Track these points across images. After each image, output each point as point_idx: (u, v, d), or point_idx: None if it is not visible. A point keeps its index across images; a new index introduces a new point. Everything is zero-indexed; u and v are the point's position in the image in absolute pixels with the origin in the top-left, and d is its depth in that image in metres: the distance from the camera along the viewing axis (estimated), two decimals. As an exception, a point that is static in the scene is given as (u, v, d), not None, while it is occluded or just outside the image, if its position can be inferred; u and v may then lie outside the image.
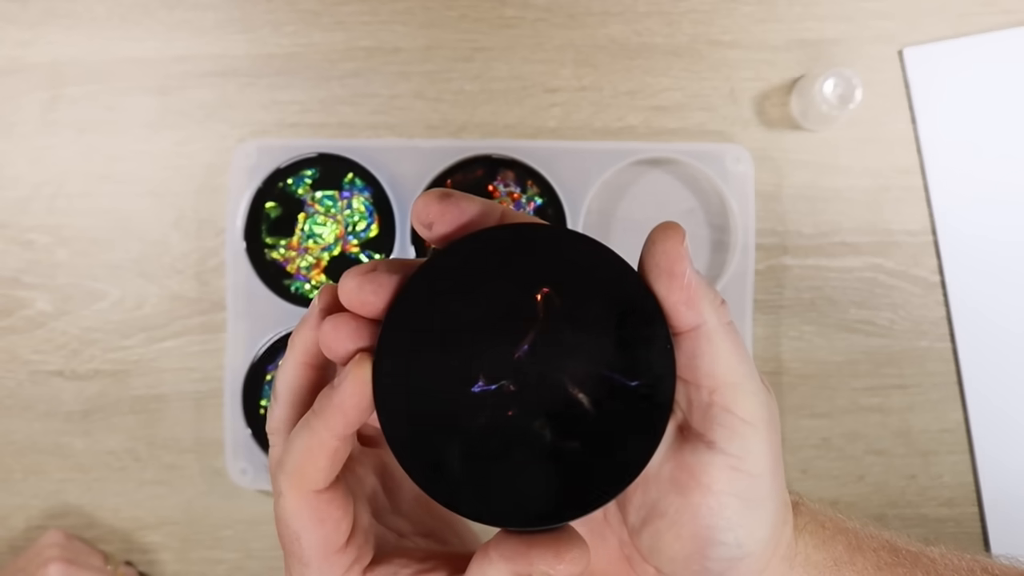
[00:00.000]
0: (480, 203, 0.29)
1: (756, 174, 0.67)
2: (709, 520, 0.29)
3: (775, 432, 0.30)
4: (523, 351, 0.28)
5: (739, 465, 0.29)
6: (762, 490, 0.30)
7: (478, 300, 0.28)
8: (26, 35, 0.70)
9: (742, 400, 0.29)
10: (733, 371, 0.29)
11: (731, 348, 0.29)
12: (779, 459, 0.30)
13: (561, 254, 0.28)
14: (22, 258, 0.69)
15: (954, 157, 0.69)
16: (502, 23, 0.70)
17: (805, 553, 0.33)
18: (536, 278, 0.28)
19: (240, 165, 0.67)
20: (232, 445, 0.66)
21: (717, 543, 0.30)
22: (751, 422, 0.29)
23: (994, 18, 0.70)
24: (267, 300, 0.66)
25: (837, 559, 0.33)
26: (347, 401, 0.28)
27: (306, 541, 0.30)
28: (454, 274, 0.28)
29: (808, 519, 0.33)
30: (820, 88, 0.65)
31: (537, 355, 0.28)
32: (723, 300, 0.29)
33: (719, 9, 0.70)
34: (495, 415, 0.28)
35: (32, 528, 0.69)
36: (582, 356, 0.28)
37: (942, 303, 0.69)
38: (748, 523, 0.30)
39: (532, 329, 0.28)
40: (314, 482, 0.29)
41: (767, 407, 0.29)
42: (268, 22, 0.70)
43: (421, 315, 0.28)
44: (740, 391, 0.29)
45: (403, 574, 0.31)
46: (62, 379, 0.69)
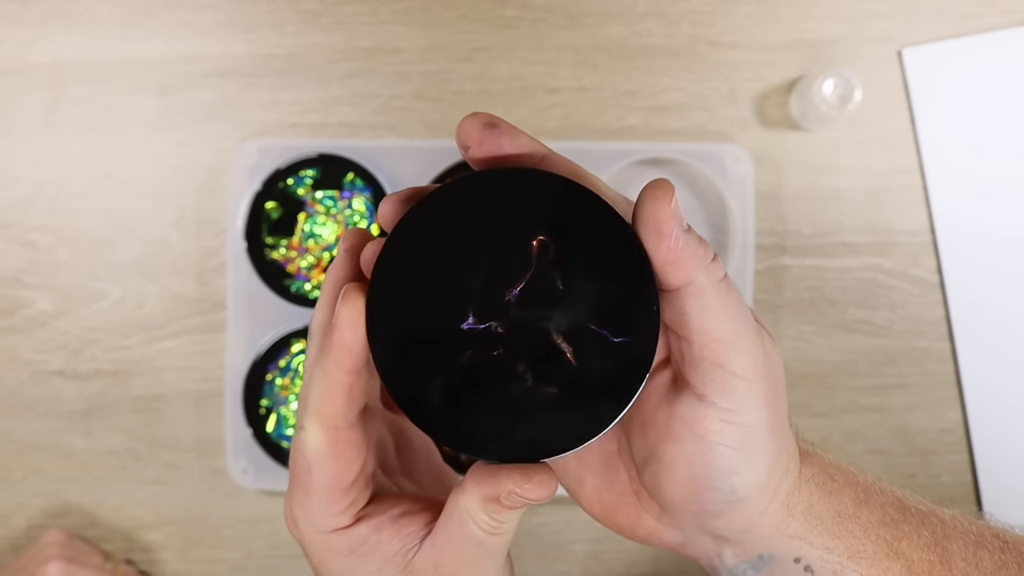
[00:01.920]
0: (524, 142, 0.30)
1: (756, 174, 0.67)
2: (702, 468, 0.30)
3: (773, 382, 0.31)
4: (514, 296, 0.29)
5: (730, 417, 0.30)
6: (756, 439, 0.30)
7: (475, 241, 0.29)
8: (27, 35, 0.70)
9: (732, 356, 0.29)
10: (723, 328, 0.29)
11: (721, 305, 0.29)
12: (778, 408, 0.31)
13: (564, 206, 0.29)
14: (23, 258, 0.69)
15: (953, 157, 0.69)
16: (502, 23, 0.70)
17: (808, 502, 0.33)
18: (535, 226, 0.29)
19: (241, 165, 0.67)
20: (233, 444, 0.66)
21: (711, 488, 0.31)
22: (743, 376, 0.29)
23: (993, 18, 0.70)
24: (267, 300, 0.66)
25: (842, 511, 0.33)
26: (348, 336, 0.29)
27: (317, 474, 0.31)
28: (453, 213, 0.29)
29: (817, 469, 0.33)
30: (819, 88, 0.65)
31: (527, 301, 0.29)
32: (715, 256, 0.30)
33: (719, 10, 0.70)
34: (481, 353, 0.29)
35: (33, 527, 0.69)
36: (570, 307, 0.29)
37: (941, 303, 0.69)
38: (742, 470, 0.30)
39: (525, 275, 0.29)
40: (332, 418, 0.30)
41: (762, 360, 0.30)
42: (269, 22, 0.70)
43: (416, 250, 0.29)
44: (731, 347, 0.29)
45: (391, 513, 0.33)
46: (63, 379, 0.69)
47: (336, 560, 0.33)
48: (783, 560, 0.33)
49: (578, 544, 0.69)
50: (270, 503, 0.69)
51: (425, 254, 0.29)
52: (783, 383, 0.32)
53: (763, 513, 0.32)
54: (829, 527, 0.33)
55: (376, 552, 0.32)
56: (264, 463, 0.66)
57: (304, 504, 0.32)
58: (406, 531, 0.33)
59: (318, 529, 0.32)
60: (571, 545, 0.69)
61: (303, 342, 0.67)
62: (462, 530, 0.31)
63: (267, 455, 0.66)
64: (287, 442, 0.67)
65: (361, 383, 0.30)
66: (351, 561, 0.33)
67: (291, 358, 0.67)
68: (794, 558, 0.33)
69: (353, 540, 0.32)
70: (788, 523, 0.32)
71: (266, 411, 0.67)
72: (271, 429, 0.67)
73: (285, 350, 0.67)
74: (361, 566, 0.33)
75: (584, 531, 0.69)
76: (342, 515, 0.32)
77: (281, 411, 0.67)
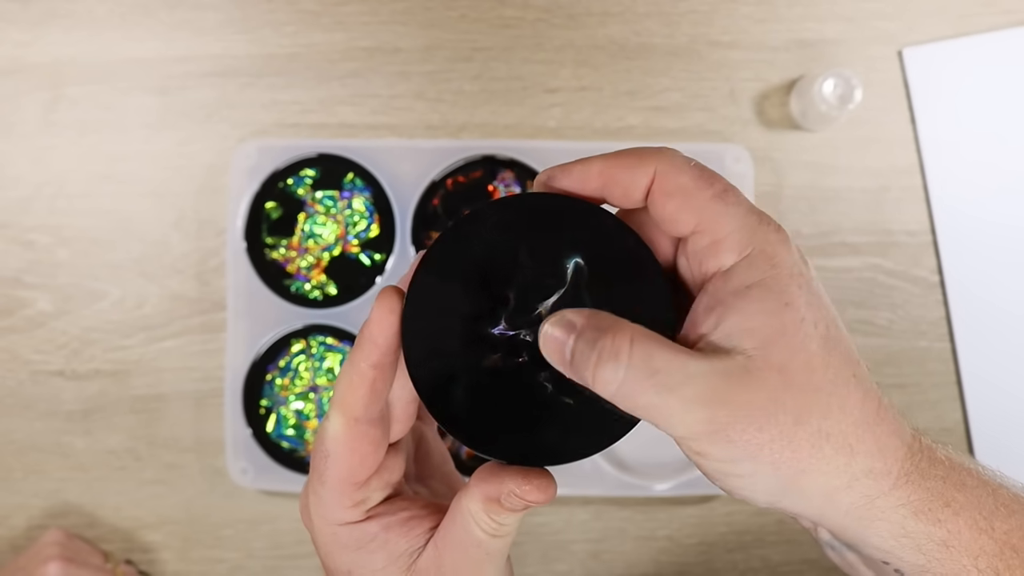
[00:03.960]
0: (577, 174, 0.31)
1: (756, 174, 0.67)
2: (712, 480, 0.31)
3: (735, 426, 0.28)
4: (545, 308, 0.30)
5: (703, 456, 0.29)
6: (743, 469, 0.29)
7: (513, 255, 0.31)
8: (27, 35, 0.70)
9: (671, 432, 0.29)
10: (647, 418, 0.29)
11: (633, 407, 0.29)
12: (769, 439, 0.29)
13: (594, 228, 0.31)
14: (23, 258, 0.69)
15: (953, 157, 0.69)
16: (502, 23, 0.70)
17: (902, 526, 0.30)
18: (567, 247, 0.31)
19: (240, 165, 0.67)
20: (232, 445, 0.66)
21: (737, 496, 0.31)
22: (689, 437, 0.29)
23: (993, 18, 0.70)
24: (267, 300, 0.66)
25: (949, 541, 0.30)
26: (375, 330, 0.31)
27: (332, 462, 0.32)
28: (495, 227, 0.31)
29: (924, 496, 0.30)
30: (820, 88, 0.65)
31: None
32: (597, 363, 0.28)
33: (719, 10, 0.70)
34: (507, 358, 0.30)
35: (33, 527, 0.69)
36: None
37: (941, 303, 0.69)
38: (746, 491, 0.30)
39: (557, 291, 0.31)
40: (353, 409, 0.31)
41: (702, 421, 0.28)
42: (268, 22, 0.70)
43: (457, 258, 0.31)
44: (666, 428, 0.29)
45: (402, 515, 0.33)
46: (63, 379, 0.69)
47: (343, 554, 0.33)
48: (871, 556, 0.32)
49: (578, 544, 0.69)
50: (270, 503, 0.69)
51: (465, 262, 0.31)
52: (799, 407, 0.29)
53: (821, 518, 0.31)
54: (928, 552, 0.31)
55: (383, 550, 0.33)
56: (264, 463, 0.66)
57: (318, 493, 0.33)
58: (414, 533, 0.33)
59: (328, 520, 0.33)
60: (571, 545, 0.69)
61: (303, 342, 0.67)
62: (464, 531, 0.32)
63: (267, 455, 0.66)
64: (287, 442, 0.67)
65: (385, 378, 0.31)
66: (357, 556, 0.33)
67: (291, 358, 0.67)
68: (882, 561, 0.32)
69: (362, 536, 0.33)
70: (866, 534, 0.31)
71: (266, 411, 0.67)
72: (271, 429, 0.67)
73: (285, 350, 0.67)
74: (367, 562, 0.33)
75: (584, 531, 0.69)
76: (353, 509, 0.33)
77: (281, 411, 0.67)
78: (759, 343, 0.29)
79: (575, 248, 0.31)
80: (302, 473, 0.66)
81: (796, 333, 0.29)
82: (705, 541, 0.69)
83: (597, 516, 0.69)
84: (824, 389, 0.29)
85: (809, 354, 0.29)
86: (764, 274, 0.29)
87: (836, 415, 0.29)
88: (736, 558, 0.69)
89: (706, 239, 0.30)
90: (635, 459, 0.68)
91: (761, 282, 0.29)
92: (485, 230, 0.31)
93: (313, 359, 0.67)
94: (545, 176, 0.32)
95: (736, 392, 0.28)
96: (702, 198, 0.29)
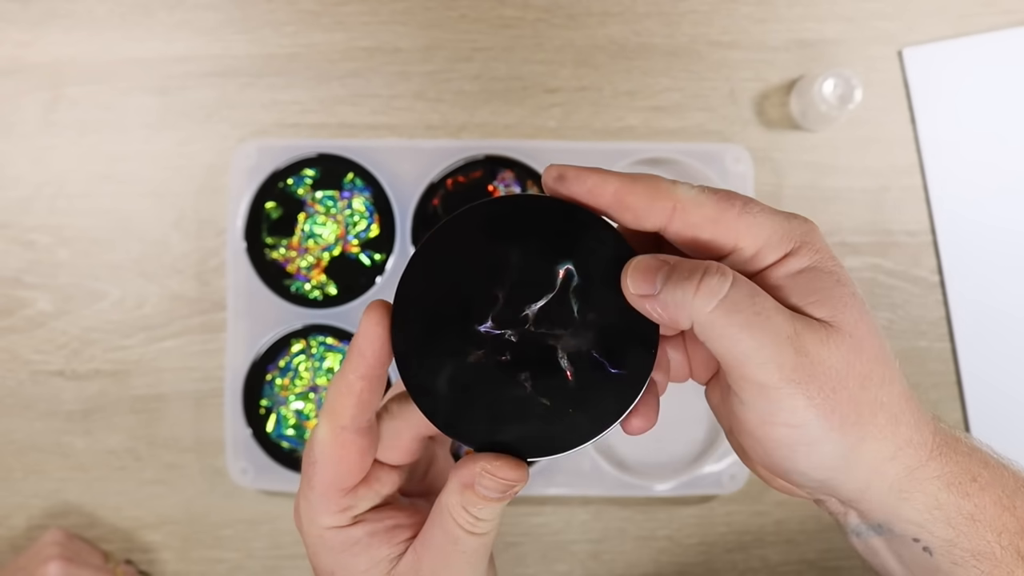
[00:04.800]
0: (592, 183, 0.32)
1: (756, 174, 0.67)
2: (766, 460, 0.32)
3: (826, 379, 0.30)
4: (532, 312, 0.32)
5: (772, 419, 0.30)
6: (809, 436, 0.30)
7: (505, 258, 0.32)
8: (27, 35, 0.70)
9: (753, 371, 0.30)
10: (734, 350, 0.30)
11: (724, 331, 0.30)
12: (846, 401, 0.30)
13: (592, 238, 0.32)
14: (23, 258, 0.69)
15: (953, 157, 0.69)
16: (502, 23, 0.70)
17: (935, 498, 0.32)
18: (560, 253, 0.32)
19: (240, 165, 0.67)
20: (232, 445, 0.66)
21: (787, 474, 0.32)
22: (771, 386, 0.30)
23: (993, 18, 0.70)
24: (267, 300, 0.66)
25: (976, 514, 0.32)
26: (363, 343, 0.32)
27: (319, 468, 0.34)
28: (483, 230, 0.32)
29: (955, 468, 0.33)
30: (820, 88, 0.65)
31: (543, 319, 0.32)
32: (702, 278, 0.30)
33: (719, 10, 0.70)
34: (491, 355, 0.32)
35: (33, 527, 0.69)
36: (580, 332, 0.32)
37: (941, 303, 0.69)
38: (802, 463, 0.31)
39: (546, 296, 0.32)
40: (340, 418, 0.33)
41: (793, 365, 0.30)
42: (268, 22, 0.70)
43: (448, 257, 0.32)
44: (749, 363, 0.30)
45: (388, 523, 0.35)
46: (63, 379, 0.69)
47: (328, 555, 0.35)
48: (901, 536, 0.34)
49: (578, 544, 0.69)
50: (270, 503, 0.69)
51: (456, 262, 0.32)
52: (863, 373, 0.31)
53: (864, 492, 0.32)
54: (957, 525, 0.32)
55: (365, 554, 0.34)
56: (264, 463, 0.66)
57: (307, 496, 0.34)
58: (397, 539, 0.35)
59: (315, 524, 0.34)
60: (571, 545, 0.69)
61: (303, 342, 0.67)
62: (442, 531, 0.33)
63: (267, 455, 0.66)
64: (287, 442, 0.67)
65: (373, 389, 0.33)
66: (340, 558, 0.35)
67: (291, 358, 0.67)
68: (912, 538, 0.33)
69: (346, 540, 0.34)
70: (903, 507, 0.32)
71: (266, 411, 0.67)
72: (271, 429, 0.67)
73: (285, 350, 0.67)
74: (350, 564, 0.35)
75: (584, 531, 0.69)
76: (339, 515, 0.34)
77: (281, 411, 0.67)
78: (827, 314, 0.31)
79: (569, 255, 0.32)
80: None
81: (855, 306, 0.32)
82: (705, 541, 0.69)
83: (597, 516, 0.69)
84: (880, 359, 0.31)
85: (869, 325, 0.32)
86: (811, 260, 0.32)
87: (888, 386, 0.31)
88: (736, 558, 0.69)
89: (748, 252, 0.31)
90: (635, 459, 0.68)
91: (811, 267, 0.32)
92: (477, 230, 0.32)
93: (313, 359, 0.67)
94: (556, 173, 0.32)
95: (817, 348, 0.30)
96: (730, 219, 0.31)
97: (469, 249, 0.32)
